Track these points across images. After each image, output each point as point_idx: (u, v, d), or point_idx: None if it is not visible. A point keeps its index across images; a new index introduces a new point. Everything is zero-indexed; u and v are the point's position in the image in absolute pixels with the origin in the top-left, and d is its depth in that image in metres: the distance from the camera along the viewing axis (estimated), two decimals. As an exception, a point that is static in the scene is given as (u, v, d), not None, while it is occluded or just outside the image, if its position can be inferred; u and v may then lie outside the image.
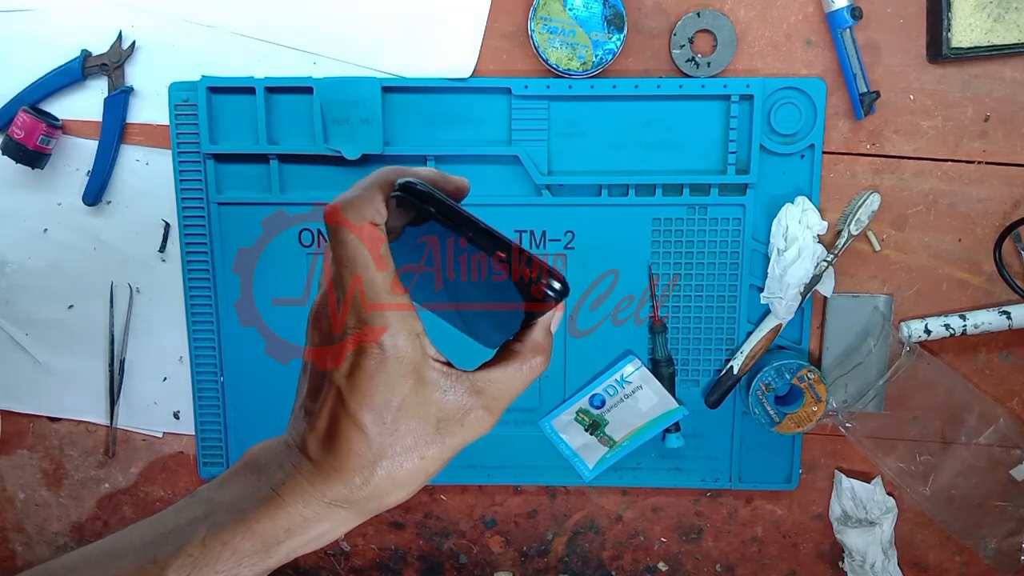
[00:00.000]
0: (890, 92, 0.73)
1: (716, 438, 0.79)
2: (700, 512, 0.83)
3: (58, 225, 0.78)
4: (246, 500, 0.36)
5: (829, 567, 0.84)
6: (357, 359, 0.34)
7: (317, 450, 0.35)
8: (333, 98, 0.72)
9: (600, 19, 0.69)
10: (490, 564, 0.85)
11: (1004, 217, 0.75)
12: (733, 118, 0.72)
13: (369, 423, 0.34)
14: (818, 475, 0.81)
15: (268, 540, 0.36)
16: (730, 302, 0.76)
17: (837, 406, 0.77)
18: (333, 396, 0.35)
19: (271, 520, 0.35)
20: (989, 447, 0.77)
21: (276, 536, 0.36)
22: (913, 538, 0.82)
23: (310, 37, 0.74)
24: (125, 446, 0.82)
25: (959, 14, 0.69)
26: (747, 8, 0.72)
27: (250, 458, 0.38)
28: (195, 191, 0.75)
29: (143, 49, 0.74)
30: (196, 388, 0.79)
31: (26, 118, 0.72)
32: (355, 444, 0.35)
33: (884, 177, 0.75)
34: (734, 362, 0.76)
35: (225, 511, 0.36)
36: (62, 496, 0.84)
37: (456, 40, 0.73)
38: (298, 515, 0.35)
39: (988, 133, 0.73)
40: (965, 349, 0.78)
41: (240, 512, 0.35)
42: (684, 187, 0.74)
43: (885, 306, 0.76)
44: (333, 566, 0.85)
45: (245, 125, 0.74)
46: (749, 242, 0.75)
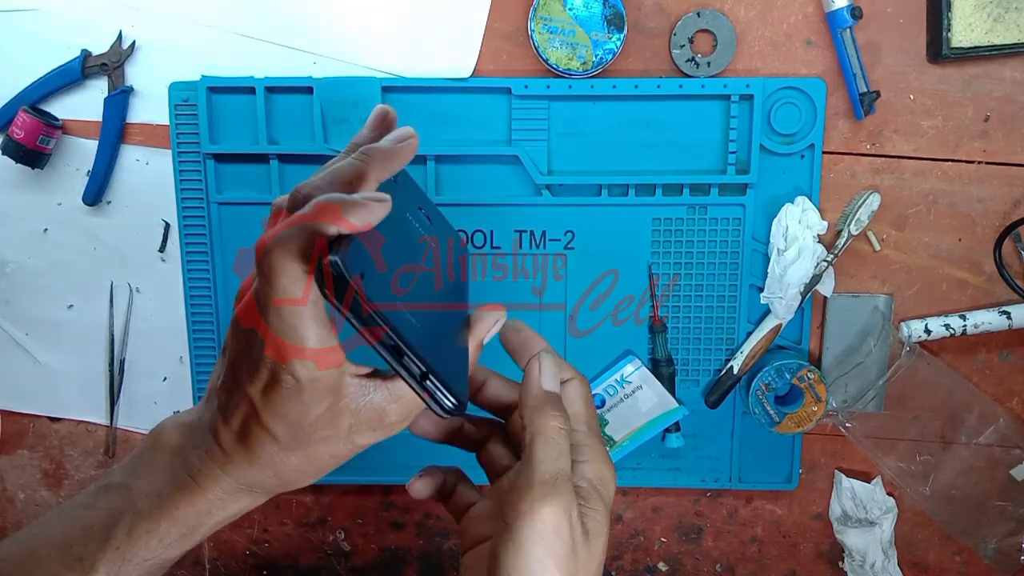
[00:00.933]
0: (890, 92, 0.73)
1: (716, 438, 0.79)
2: (700, 512, 0.83)
3: (58, 225, 0.78)
4: (165, 487, 0.36)
5: (829, 567, 0.84)
6: (272, 382, 0.34)
7: (230, 443, 0.36)
8: (333, 98, 0.72)
9: (600, 19, 0.69)
10: (490, 564, 0.85)
11: (1004, 217, 0.75)
12: (733, 118, 0.72)
13: (281, 433, 0.35)
14: (818, 475, 0.81)
15: (191, 523, 0.36)
16: (730, 302, 0.76)
17: (837, 406, 0.77)
18: (246, 404, 0.35)
19: (191, 506, 0.36)
20: (989, 447, 0.77)
21: (198, 519, 0.36)
22: (913, 538, 0.82)
23: (310, 37, 0.74)
24: (125, 446, 0.82)
25: (959, 14, 0.69)
26: (747, 8, 0.72)
27: (163, 438, 0.38)
28: (195, 191, 0.75)
29: (143, 49, 0.74)
30: (196, 388, 0.79)
31: (26, 118, 0.72)
32: (266, 447, 0.35)
33: (884, 177, 0.75)
34: (734, 362, 0.76)
35: (145, 499, 0.36)
36: (62, 496, 0.84)
37: (456, 40, 0.73)
38: (216, 499, 0.36)
39: (988, 133, 0.74)
40: (965, 349, 0.78)
41: (160, 500, 0.36)
42: (684, 187, 0.74)
43: (885, 306, 0.76)
44: (333, 566, 0.85)
45: (245, 125, 0.74)
46: (749, 242, 0.75)
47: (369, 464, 0.80)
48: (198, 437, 0.37)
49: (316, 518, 0.84)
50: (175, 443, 0.37)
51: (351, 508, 0.83)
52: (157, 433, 0.38)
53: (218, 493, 0.36)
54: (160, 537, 0.35)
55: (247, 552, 0.85)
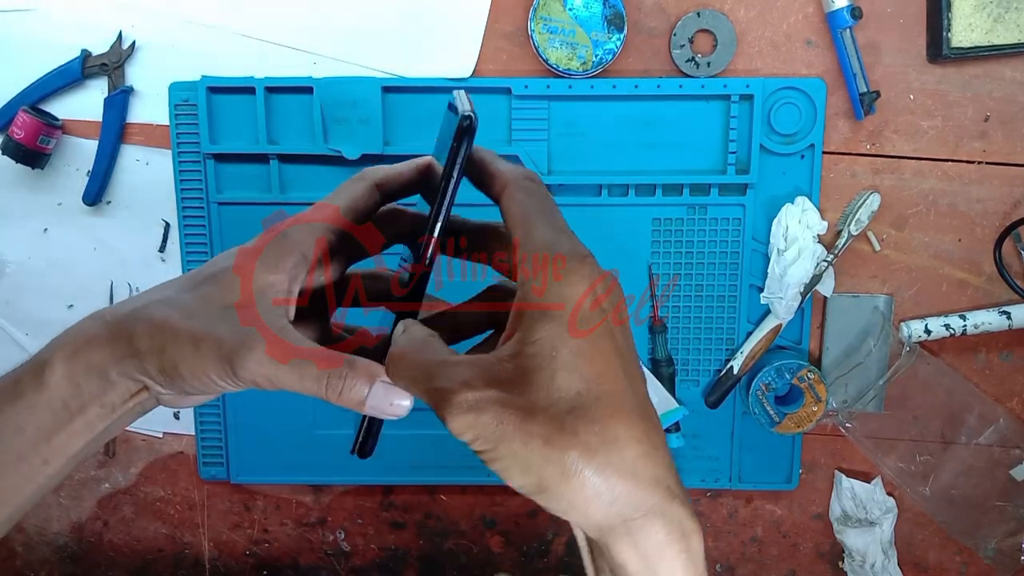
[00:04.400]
0: (890, 92, 0.73)
1: (716, 438, 0.79)
2: (700, 512, 0.83)
3: (58, 225, 0.78)
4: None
5: (829, 567, 0.84)
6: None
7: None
8: (333, 98, 0.72)
9: (600, 19, 0.69)
10: (490, 564, 0.85)
11: (1004, 217, 0.75)
12: (733, 118, 0.72)
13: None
14: (818, 475, 0.81)
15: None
16: (730, 302, 0.76)
17: (837, 406, 0.77)
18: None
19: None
20: (989, 447, 0.77)
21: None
22: (913, 538, 0.82)
23: (310, 37, 0.74)
24: (125, 446, 0.82)
25: (959, 14, 0.69)
26: (747, 8, 0.72)
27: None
28: (195, 191, 0.75)
29: (143, 49, 0.74)
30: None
31: (26, 118, 0.72)
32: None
33: (884, 177, 0.75)
34: (734, 362, 0.76)
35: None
36: (62, 496, 0.84)
37: (456, 40, 0.73)
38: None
39: (988, 133, 0.74)
40: (965, 349, 0.78)
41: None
42: (684, 187, 0.74)
43: (885, 306, 0.76)
44: (333, 566, 0.85)
45: (245, 125, 0.74)
46: (749, 242, 0.75)
47: (369, 464, 0.80)
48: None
49: (316, 518, 0.84)
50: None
51: (351, 508, 0.83)
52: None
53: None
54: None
55: (247, 552, 0.85)
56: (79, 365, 0.35)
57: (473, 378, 0.29)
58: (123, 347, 0.35)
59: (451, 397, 0.29)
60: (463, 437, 0.29)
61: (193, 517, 0.84)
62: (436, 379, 0.30)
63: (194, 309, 0.35)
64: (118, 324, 0.35)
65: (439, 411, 0.30)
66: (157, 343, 0.35)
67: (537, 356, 0.29)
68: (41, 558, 0.86)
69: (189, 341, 0.34)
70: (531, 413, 0.28)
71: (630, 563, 0.28)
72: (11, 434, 0.35)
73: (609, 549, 0.29)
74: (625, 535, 0.28)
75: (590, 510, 0.28)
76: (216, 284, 0.36)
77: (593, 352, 0.29)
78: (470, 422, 0.29)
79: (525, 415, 0.28)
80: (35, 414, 0.35)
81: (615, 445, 0.28)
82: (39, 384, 0.35)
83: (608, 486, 0.27)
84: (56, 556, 0.85)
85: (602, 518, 0.28)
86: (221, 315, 0.35)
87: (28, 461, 0.35)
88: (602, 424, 0.28)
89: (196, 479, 0.82)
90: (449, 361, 0.31)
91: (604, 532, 0.28)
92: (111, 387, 0.35)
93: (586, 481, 0.27)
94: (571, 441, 0.27)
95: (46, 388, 0.35)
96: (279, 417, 0.79)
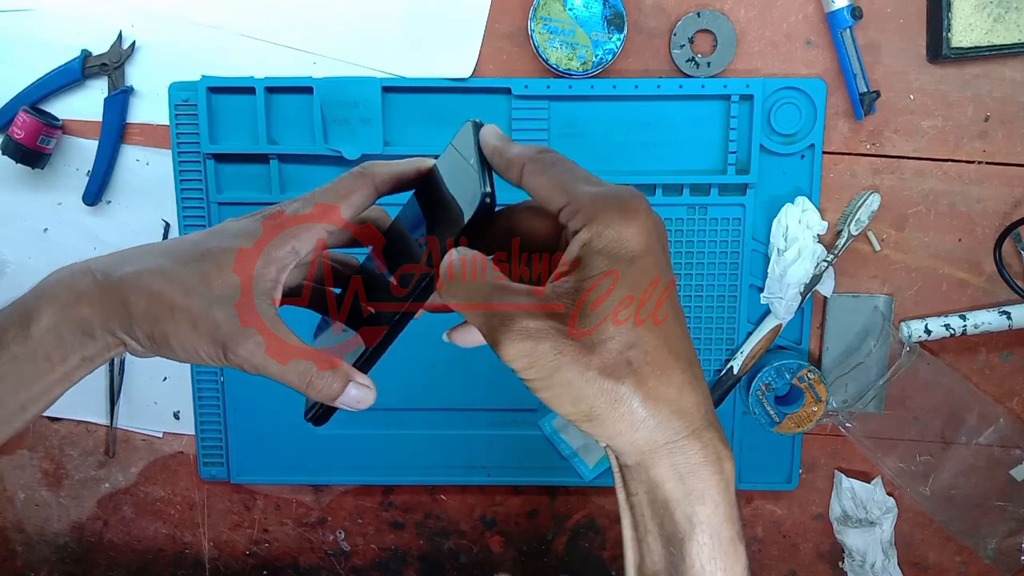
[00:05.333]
0: (890, 92, 0.73)
1: (716, 438, 0.79)
2: (700, 512, 0.83)
3: (58, 225, 0.78)
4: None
5: (829, 567, 0.84)
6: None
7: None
8: (333, 98, 0.72)
9: (600, 19, 0.69)
10: (490, 564, 0.85)
11: (1004, 217, 0.75)
12: (733, 118, 0.72)
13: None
14: (818, 475, 0.81)
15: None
16: (730, 302, 0.76)
17: (837, 406, 0.77)
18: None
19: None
20: (989, 447, 0.77)
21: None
22: (913, 538, 0.82)
23: (310, 37, 0.74)
24: (125, 446, 0.82)
25: (959, 14, 0.69)
26: (747, 8, 0.72)
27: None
28: (195, 191, 0.75)
29: (143, 49, 0.74)
30: (196, 388, 0.79)
31: (26, 118, 0.72)
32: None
33: (884, 177, 0.75)
34: (734, 362, 0.76)
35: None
36: (62, 496, 0.84)
37: (456, 40, 0.73)
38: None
39: (988, 133, 0.73)
40: (965, 349, 0.78)
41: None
42: (684, 187, 0.73)
43: (885, 306, 0.76)
44: (333, 566, 0.85)
45: (245, 125, 0.74)
46: (749, 242, 0.75)
47: (369, 464, 0.80)
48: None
49: (316, 518, 0.84)
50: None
51: (351, 508, 0.83)
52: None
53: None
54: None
55: (247, 552, 0.85)
56: (66, 320, 0.36)
57: (533, 306, 0.30)
58: (114, 309, 0.36)
59: (510, 323, 0.30)
60: (515, 364, 0.30)
61: (193, 517, 0.84)
62: (494, 303, 0.31)
63: (192, 286, 0.36)
64: (112, 286, 0.36)
65: (494, 335, 0.31)
66: (152, 313, 0.36)
67: (595, 291, 0.30)
68: (41, 558, 0.86)
69: (186, 320, 0.35)
70: (590, 347, 0.30)
71: (667, 481, 0.30)
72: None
73: (647, 470, 0.30)
74: (665, 456, 0.30)
75: (636, 436, 0.30)
76: (215, 264, 0.36)
77: (649, 291, 0.31)
78: (528, 349, 0.30)
79: (584, 347, 0.30)
80: (18, 365, 0.36)
81: (663, 375, 0.30)
82: (24, 335, 0.36)
83: (654, 413, 0.30)
84: (56, 556, 0.85)
85: (644, 443, 0.30)
86: (219, 299, 0.36)
87: (6, 407, 0.37)
88: (654, 355, 0.30)
89: (196, 479, 0.82)
90: (508, 288, 0.32)
91: (645, 455, 0.30)
92: (93, 342, 0.37)
93: (636, 410, 0.29)
94: (625, 371, 0.29)
95: (31, 340, 0.36)
96: (279, 417, 0.78)
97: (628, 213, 0.31)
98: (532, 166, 0.34)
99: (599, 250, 0.31)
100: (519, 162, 0.34)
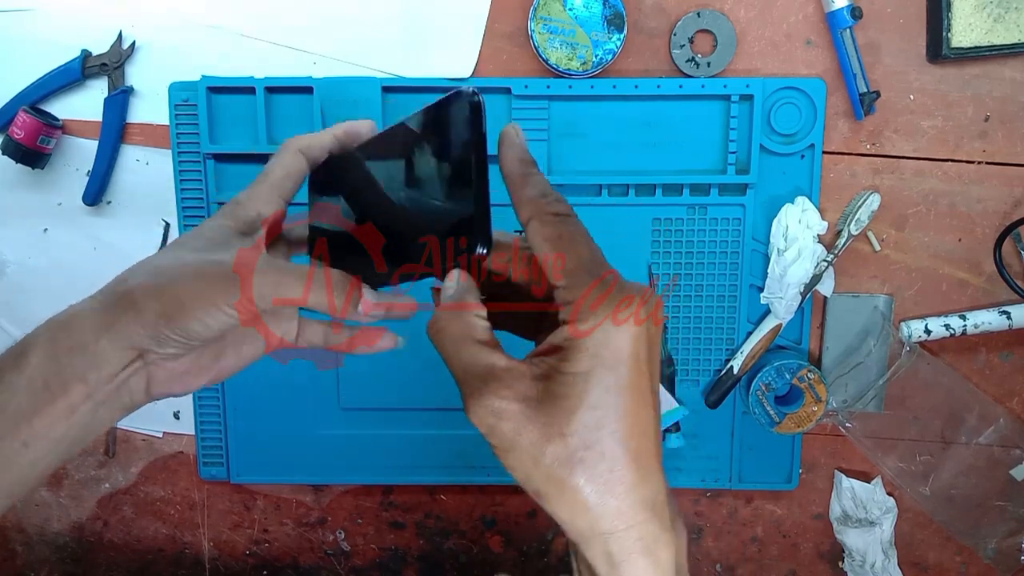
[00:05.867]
0: (890, 92, 0.73)
1: (716, 438, 0.79)
2: (700, 512, 0.83)
3: (58, 225, 0.78)
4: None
5: (829, 567, 0.84)
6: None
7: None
8: (333, 98, 0.72)
9: (600, 19, 0.69)
10: (490, 564, 0.85)
11: (1004, 217, 0.75)
12: (733, 118, 0.72)
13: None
14: (818, 475, 0.81)
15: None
16: (730, 302, 0.76)
17: (837, 406, 0.77)
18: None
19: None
20: (989, 447, 0.77)
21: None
22: (913, 538, 0.82)
23: (310, 37, 0.74)
24: (125, 446, 0.82)
25: (959, 14, 0.69)
26: (747, 8, 0.72)
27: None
28: (195, 191, 0.75)
29: (143, 49, 0.74)
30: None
31: (26, 118, 0.72)
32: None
33: (884, 177, 0.75)
34: (734, 362, 0.76)
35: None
36: (62, 496, 0.84)
37: (456, 40, 0.73)
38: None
39: (988, 133, 0.74)
40: (965, 349, 0.78)
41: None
42: (684, 187, 0.73)
43: (885, 306, 0.76)
44: (333, 566, 0.85)
45: (245, 125, 0.74)
46: (749, 242, 0.75)
47: (369, 464, 0.80)
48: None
49: (316, 518, 0.84)
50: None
51: (351, 508, 0.83)
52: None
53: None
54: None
55: (247, 552, 0.85)
56: (62, 343, 0.35)
57: (503, 386, 0.31)
58: (114, 309, 0.35)
59: (479, 395, 0.31)
60: (478, 427, 0.32)
61: (193, 517, 0.84)
62: (470, 367, 0.32)
63: (187, 255, 0.37)
64: (108, 291, 0.36)
65: (464, 397, 0.32)
66: (155, 286, 0.35)
67: (568, 386, 0.31)
68: (41, 558, 0.86)
69: (192, 276, 0.35)
70: (548, 437, 0.30)
71: (601, 567, 0.31)
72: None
73: (586, 552, 0.31)
74: (602, 544, 0.31)
75: (578, 522, 0.31)
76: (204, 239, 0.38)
77: (619, 397, 0.31)
78: (490, 423, 0.31)
79: (543, 436, 0.30)
80: (14, 395, 0.34)
81: (614, 474, 0.30)
82: (19, 365, 0.35)
83: (599, 505, 0.30)
84: (56, 556, 0.85)
85: (585, 529, 0.31)
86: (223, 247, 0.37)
87: (6, 442, 0.34)
88: (609, 457, 0.30)
89: (196, 479, 0.82)
90: (484, 357, 0.33)
91: (584, 539, 0.31)
92: (97, 361, 0.35)
93: (580, 500, 0.30)
94: (577, 467, 0.30)
95: (27, 368, 0.35)
96: (279, 417, 0.79)
97: (621, 319, 0.31)
98: (541, 228, 0.34)
99: (582, 348, 0.31)
100: (528, 211, 0.34)
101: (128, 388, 0.36)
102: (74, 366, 0.35)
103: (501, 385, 0.31)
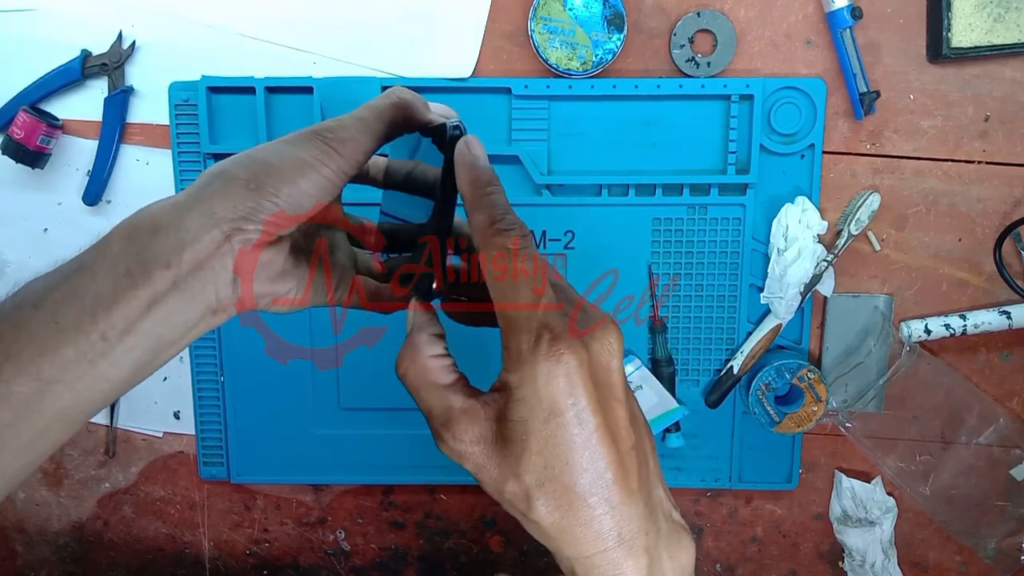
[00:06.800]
0: (890, 92, 0.73)
1: (716, 438, 0.79)
2: (700, 512, 0.83)
3: (58, 225, 0.78)
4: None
5: (829, 567, 0.84)
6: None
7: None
8: (333, 98, 0.72)
9: (600, 19, 0.69)
10: (490, 564, 0.85)
11: (1004, 217, 0.75)
12: (733, 118, 0.72)
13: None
14: (818, 475, 0.81)
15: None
16: (730, 302, 0.76)
17: (837, 406, 0.77)
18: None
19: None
20: (989, 447, 0.77)
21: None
22: (913, 538, 0.82)
23: (310, 37, 0.74)
24: (125, 446, 0.82)
25: (959, 14, 0.69)
26: (747, 8, 0.72)
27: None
28: (195, 191, 0.75)
29: (143, 49, 0.74)
30: (196, 388, 0.79)
31: (26, 118, 0.72)
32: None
33: (884, 177, 0.75)
34: (734, 362, 0.76)
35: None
36: (62, 496, 0.84)
37: (456, 40, 0.73)
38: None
39: (988, 133, 0.74)
40: (965, 349, 0.78)
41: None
42: (684, 187, 0.73)
43: (885, 306, 0.76)
44: (333, 566, 0.85)
45: (245, 125, 0.74)
46: (749, 242, 0.75)
47: (369, 464, 0.80)
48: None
49: (316, 518, 0.84)
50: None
51: (351, 508, 0.83)
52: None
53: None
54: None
55: (247, 552, 0.85)
56: (143, 226, 0.32)
57: (461, 430, 0.33)
58: (200, 188, 0.33)
59: (440, 438, 0.33)
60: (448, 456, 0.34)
61: (193, 517, 0.84)
62: (431, 410, 0.34)
63: (272, 145, 0.37)
64: (195, 182, 0.34)
65: (433, 433, 0.34)
66: (244, 156, 0.35)
67: (514, 431, 0.32)
68: (41, 558, 0.86)
69: (280, 144, 0.36)
70: (505, 477, 0.32)
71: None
72: (68, 300, 0.31)
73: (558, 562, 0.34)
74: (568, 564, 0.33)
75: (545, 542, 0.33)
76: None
77: (560, 443, 0.32)
78: (456, 459, 0.33)
79: (501, 476, 0.32)
80: (94, 280, 0.31)
81: (570, 511, 0.32)
82: (100, 250, 0.32)
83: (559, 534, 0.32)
84: (56, 556, 0.85)
85: (553, 549, 0.33)
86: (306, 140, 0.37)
87: (85, 334, 0.31)
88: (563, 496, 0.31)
89: (196, 479, 0.82)
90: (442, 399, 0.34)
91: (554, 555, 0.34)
92: (182, 241, 0.32)
93: (543, 530, 0.32)
94: (535, 504, 0.32)
95: (108, 253, 0.32)
96: (279, 417, 0.79)
97: (553, 371, 0.31)
98: (486, 264, 0.34)
99: (518, 398, 0.32)
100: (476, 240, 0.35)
101: (215, 281, 0.33)
102: (157, 248, 0.32)
103: (459, 429, 0.33)
